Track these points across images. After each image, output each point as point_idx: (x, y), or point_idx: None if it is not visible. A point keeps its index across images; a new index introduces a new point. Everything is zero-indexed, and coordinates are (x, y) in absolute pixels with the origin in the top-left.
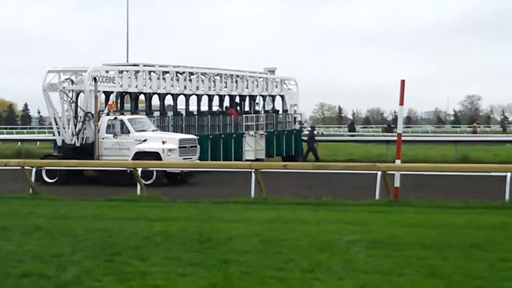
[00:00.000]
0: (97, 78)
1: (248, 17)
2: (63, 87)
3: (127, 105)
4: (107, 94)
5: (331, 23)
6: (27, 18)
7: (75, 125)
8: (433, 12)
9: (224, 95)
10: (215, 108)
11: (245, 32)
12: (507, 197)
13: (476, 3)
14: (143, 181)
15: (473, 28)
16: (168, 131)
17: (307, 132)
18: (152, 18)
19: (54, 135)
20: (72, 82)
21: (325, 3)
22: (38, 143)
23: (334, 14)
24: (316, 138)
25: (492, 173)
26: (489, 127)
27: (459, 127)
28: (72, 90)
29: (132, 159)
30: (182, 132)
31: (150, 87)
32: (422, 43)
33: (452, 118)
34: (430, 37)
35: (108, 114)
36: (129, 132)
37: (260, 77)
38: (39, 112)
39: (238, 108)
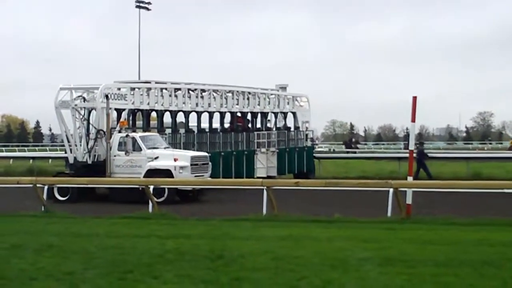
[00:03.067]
0: (109, 95)
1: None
2: (75, 105)
3: (139, 123)
4: (119, 111)
5: (343, 40)
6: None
7: (87, 143)
8: (445, 30)
9: (236, 112)
10: (226, 125)
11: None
12: None
13: (490, 21)
14: (155, 199)
15: (486, 45)
16: (180, 148)
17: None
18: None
19: (66, 153)
20: (84, 99)
21: (338, 21)
22: (50, 160)
23: (346, 31)
24: (329, 155)
25: (505, 190)
26: (501, 143)
27: (471, 143)
28: (84, 108)
29: (144, 176)
30: (193, 149)
31: (162, 104)
32: (434, 60)
33: (464, 134)
34: (442, 54)
35: (120, 132)
36: (140, 150)
37: (271, 94)
38: (50, 130)
39: (250, 125)
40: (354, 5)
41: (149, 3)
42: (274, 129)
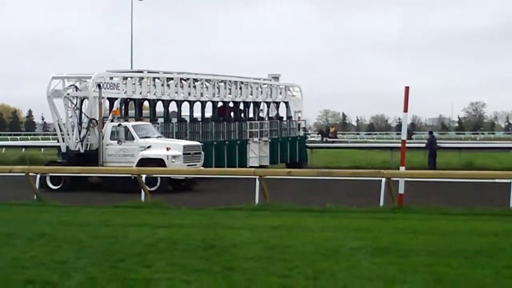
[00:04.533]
0: (101, 84)
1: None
2: (68, 94)
3: (132, 112)
4: (112, 100)
5: (338, 31)
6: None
7: (80, 132)
8: (438, 20)
9: (229, 102)
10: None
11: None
12: (511, 203)
13: (482, 13)
14: (148, 188)
15: (479, 36)
16: (173, 137)
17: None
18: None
19: (58, 142)
20: (77, 88)
21: (331, 11)
22: (42, 149)
23: (342, 22)
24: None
25: (496, 180)
26: (493, 133)
27: (464, 133)
28: (77, 97)
29: (137, 165)
30: (186, 139)
31: (155, 94)
32: (426, 50)
33: (456, 124)
34: (434, 44)
35: (112, 121)
36: (133, 139)
37: (264, 84)
38: (43, 119)
39: (242, 115)
40: None
41: None
42: (266, 118)
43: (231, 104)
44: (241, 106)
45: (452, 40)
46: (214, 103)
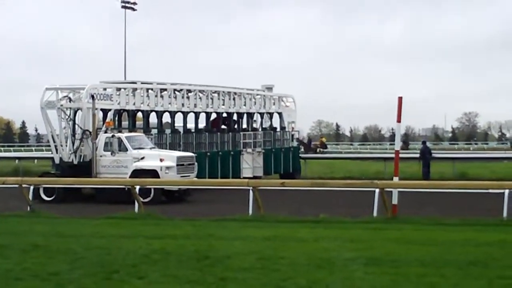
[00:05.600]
0: (95, 95)
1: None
2: (61, 105)
3: (125, 123)
4: (105, 111)
5: (329, 41)
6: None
7: (73, 143)
8: (431, 30)
9: (222, 113)
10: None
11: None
12: (505, 214)
13: (479, 23)
14: (141, 199)
15: (473, 47)
16: (166, 148)
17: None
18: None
19: (52, 153)
20: (70, 99)
21: (325, 22)
22: (35, 160)
23: (333, 32)
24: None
25: (490, 190)
26: (487, 143)
27: (457, 143)
28: (70, 108)
29: (130, 176)
30: (180, 150)
31: (148, 105)
32: (420, 60)
33: (450, 135)
34: (427, 54)
35: (106, 132)
36: (126, 150)
37: (257, 94)
38: (36, 130)
39: (236, 126)
40: (342, 5)
41: (134, 3)
42: (260, 129)
43: (224, 115)
44: (235, 117)
45: (445, 50)
46: (208, 114)
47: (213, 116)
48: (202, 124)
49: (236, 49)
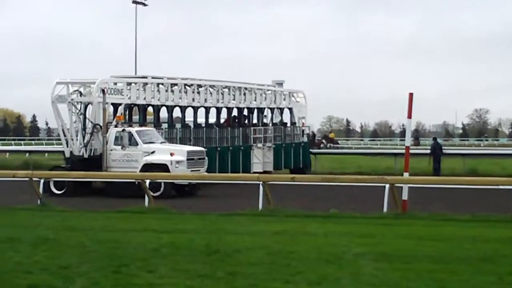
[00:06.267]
0: (105, 90)
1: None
2: (72, 99)
3: (135, 117)
4: (116, 106)
5: (340, 35)
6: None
7: (83, 137)
8: (442, 25)
9: (232, 108)
10: (222, 120)
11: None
12: None
13: (486, 19)
14: (151, 193)
15: (484, 42)
16: (176, 143)
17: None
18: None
19: (62, 147)
20: (81, 94)
21: (336, 17)
22: (46, 154)
23: (345, 27)
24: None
25: (500, 186)
26: (497, 140)
27: (467, 140)
28: (81, 102)
29: (140, 171)
30: (190, 144)
31: (159, 99)
32: (431, 56)
33: (460, 131)
34: (439, 49)
35: (116, 126)
36: (137, 144)
37: (268, 90)
38: (47, 124)
39: (246, 121)
40: (351, 1)
41: None
42: (270, 124)
43: (235, 113)
44: (245, 112)
45: (457, 46)
46: (218, 109)
47: (224, 111)
48: (212, 119)
49: (247, 43)
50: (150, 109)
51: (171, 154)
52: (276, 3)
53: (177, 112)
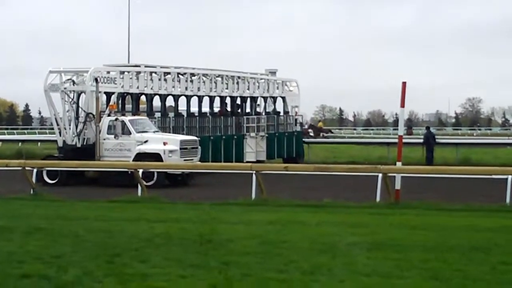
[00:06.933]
0: (98, 79)
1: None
2: (65, 88)
3: (128, 106)
4: (108, 95)
5: (333, 26)
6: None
7: (76, 126)
8: (435, 16)
9: (225, 97)
10: (216, 109)
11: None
12: (508, 200)
13: (481, 9)
14: (144, 182)
15: (478, 33)
16: (169, 132)
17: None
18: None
19: (55, 136)
20: (74, 82)
21: (329, 9)
22: (39, 143)
23: (339, 17)
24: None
25: (493, 176)
26: (490, 129)
27: (460, 129)
28: (74, 91)
29: (133, 160)
30: (183, 134)
31: (151, 88)
32: (424, 46)
33: (453, 120)
34: (432, 40)
35: (109, 115)
36: (130, 133)
37: (261, 79)
38: (40, 113)
39: (239, 110)
40: None
41: None
42: (263, 113)
43: (228, 103)
44: (238, 101)
45: (450, 36)
46: (211, 98)
47: (217, 100)
48: (205, 108)
49: (241, 36)
50: (143, 98)
51: (164, 144)
52: None
53: (170, 101)
